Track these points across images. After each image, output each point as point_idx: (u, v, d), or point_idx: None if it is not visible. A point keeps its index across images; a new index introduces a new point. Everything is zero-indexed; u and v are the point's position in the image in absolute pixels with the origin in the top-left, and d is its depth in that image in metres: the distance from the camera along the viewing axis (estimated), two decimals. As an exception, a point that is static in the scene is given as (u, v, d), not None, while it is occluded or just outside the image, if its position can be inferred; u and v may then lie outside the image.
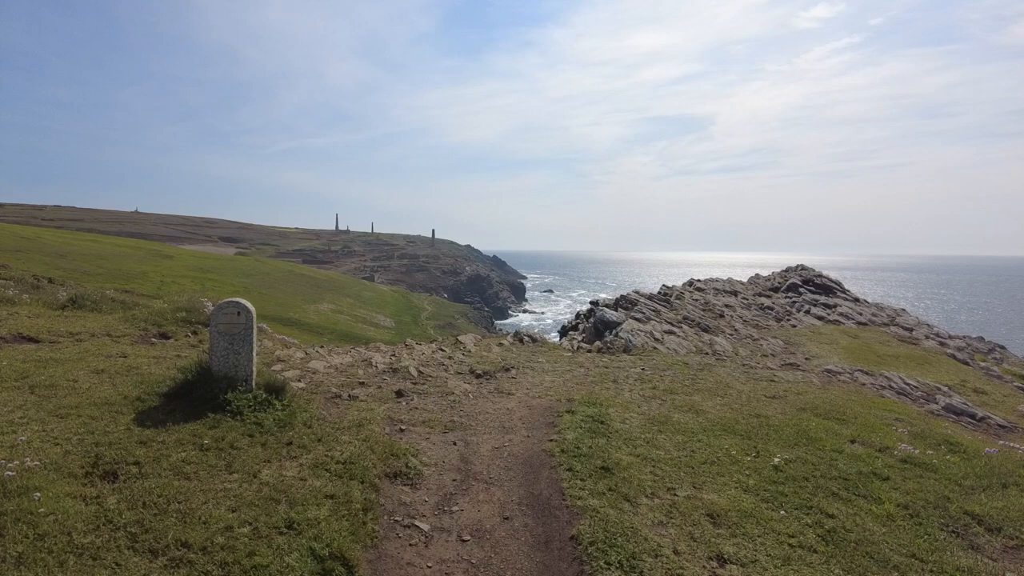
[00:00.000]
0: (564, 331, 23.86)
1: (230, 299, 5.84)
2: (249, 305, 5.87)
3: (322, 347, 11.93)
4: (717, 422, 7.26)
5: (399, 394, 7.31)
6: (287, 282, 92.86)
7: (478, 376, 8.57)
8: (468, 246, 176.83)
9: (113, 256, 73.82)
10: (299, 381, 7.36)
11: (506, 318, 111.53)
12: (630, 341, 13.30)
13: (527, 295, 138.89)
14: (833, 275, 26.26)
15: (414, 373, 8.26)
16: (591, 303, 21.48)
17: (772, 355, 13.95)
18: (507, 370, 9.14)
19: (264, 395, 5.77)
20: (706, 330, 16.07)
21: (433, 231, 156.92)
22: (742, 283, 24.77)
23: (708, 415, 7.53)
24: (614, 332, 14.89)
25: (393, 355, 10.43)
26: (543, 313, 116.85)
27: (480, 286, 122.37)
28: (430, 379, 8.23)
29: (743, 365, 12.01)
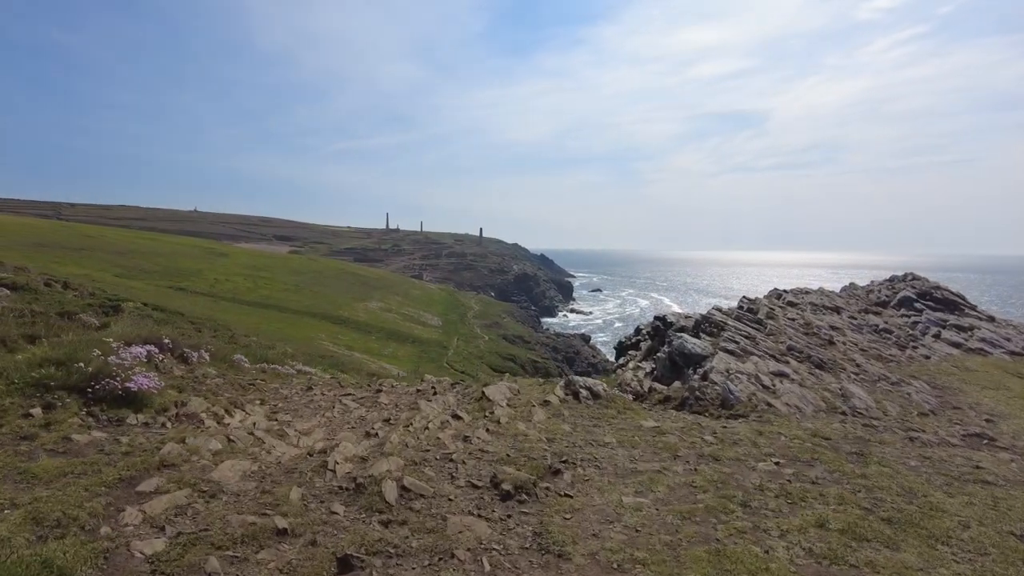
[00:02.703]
0: (622, 349, 19.82)
1: None
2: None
3: (281, 403, 8.49)
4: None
5: (344, 565, 3.62)
6: (338, 280, 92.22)
7: (505, 496, 4.76)
8: (515, 244, 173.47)
9: (170, 254, 74.29)
10: (159, 533, 3.77)
11: (553, 316, 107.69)
12: (729, 391, 9.22)
13: (575, 294, 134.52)
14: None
15: (390, 495, 4.53)
16: (657, 319, 17.35)
17: (932, 412, 9.56)
18: (556, 473, 5.31)
19: None
20: (820, 366, 11.74)
21: (480, 230, 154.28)
22: (839, 295, 20.00)
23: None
24: (700, 371, 10.81)
25: (387, 424, 6.80)
26: (591, 313, 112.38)
27: (527, 285, 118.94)
28: (417, 505, 4.50)
29: (909, 439, 7.76)
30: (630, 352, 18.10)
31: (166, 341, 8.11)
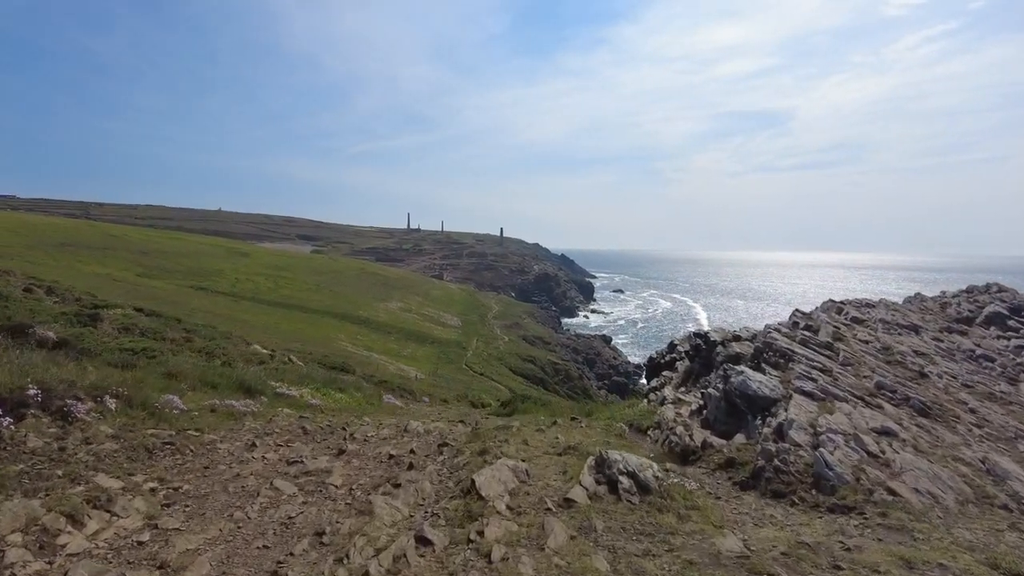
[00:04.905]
0: (653, 367, 17.00)
1: None
2: None
3: (192, 481, 6.02)
4: None
5: None
6: (359, 280, 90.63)
7: None
8: (536, 244, 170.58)
9: (193, 253, 73.33)
10: None
11: (574, 317, 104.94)
12: (824, 462, 6.41)
13: (596, 295, 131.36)
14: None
15: None
16: (697, 336, 14.51)
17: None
18: None
19: None
20: (923, 413, 8.82)
21: (501, 229, 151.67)
22: (911, 309, 16.85)
23: None
24: (772, 421, 7.99)
25: (317, 543, 4.22)
26: (611, 313, 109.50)
27: (548, 285, 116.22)
28: None
29: None
30: (664, 373, 15.31)
31: (31, 392, 5.65)
